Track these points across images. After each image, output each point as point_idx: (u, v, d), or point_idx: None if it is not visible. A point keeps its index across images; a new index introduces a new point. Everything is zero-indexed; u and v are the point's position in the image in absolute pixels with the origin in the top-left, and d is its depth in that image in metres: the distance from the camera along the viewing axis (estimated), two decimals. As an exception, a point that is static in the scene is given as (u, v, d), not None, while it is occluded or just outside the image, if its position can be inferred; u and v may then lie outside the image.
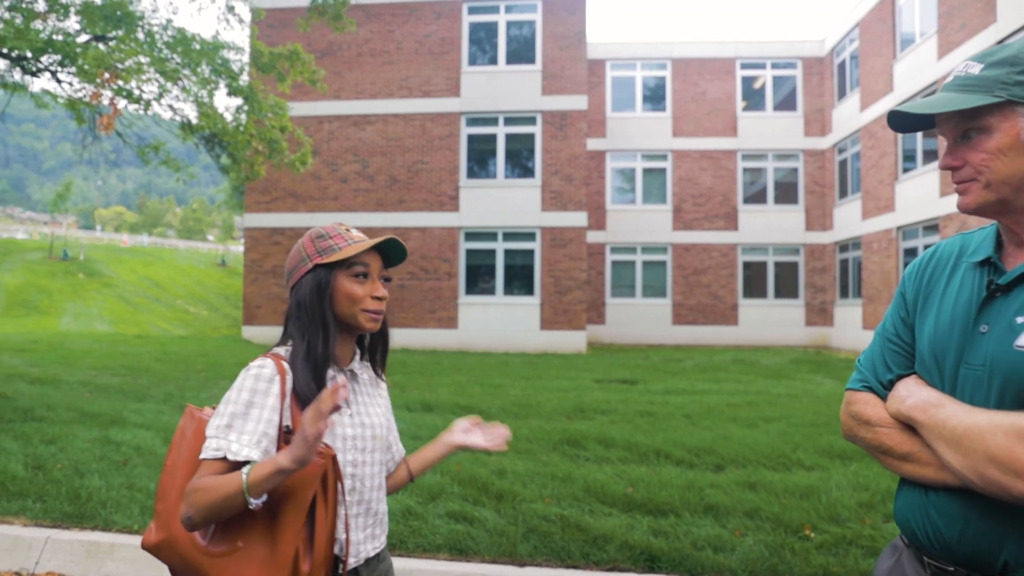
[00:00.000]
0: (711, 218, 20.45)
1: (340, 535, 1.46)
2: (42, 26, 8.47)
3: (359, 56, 17.50)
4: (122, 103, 8.45)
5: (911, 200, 15.74)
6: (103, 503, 4.14)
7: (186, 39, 8.74)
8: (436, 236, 17.08)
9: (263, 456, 1.37)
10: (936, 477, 1.18)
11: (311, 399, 1.44)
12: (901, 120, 1.28)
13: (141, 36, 8.62)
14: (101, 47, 8.29)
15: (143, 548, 1.46)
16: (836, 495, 4.36)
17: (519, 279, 17.11)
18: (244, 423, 1.38)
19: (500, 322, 16.85)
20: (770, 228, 20.37)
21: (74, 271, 29.74)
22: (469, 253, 17.21)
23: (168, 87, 8.62)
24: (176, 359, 12.24)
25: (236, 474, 1.31)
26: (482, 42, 17.60)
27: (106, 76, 7.75)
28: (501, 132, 17.27)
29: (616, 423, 6.82)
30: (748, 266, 20.48)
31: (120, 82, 7.93)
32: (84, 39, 8.74)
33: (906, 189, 16.05)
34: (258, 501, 1.31)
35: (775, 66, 20.80)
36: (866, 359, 1.38)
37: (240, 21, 10.56)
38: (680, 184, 20.57)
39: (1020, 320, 1.13)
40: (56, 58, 8.25)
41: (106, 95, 8.16)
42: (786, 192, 20.60)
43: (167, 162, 9.33)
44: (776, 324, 20.06)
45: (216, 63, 8.94)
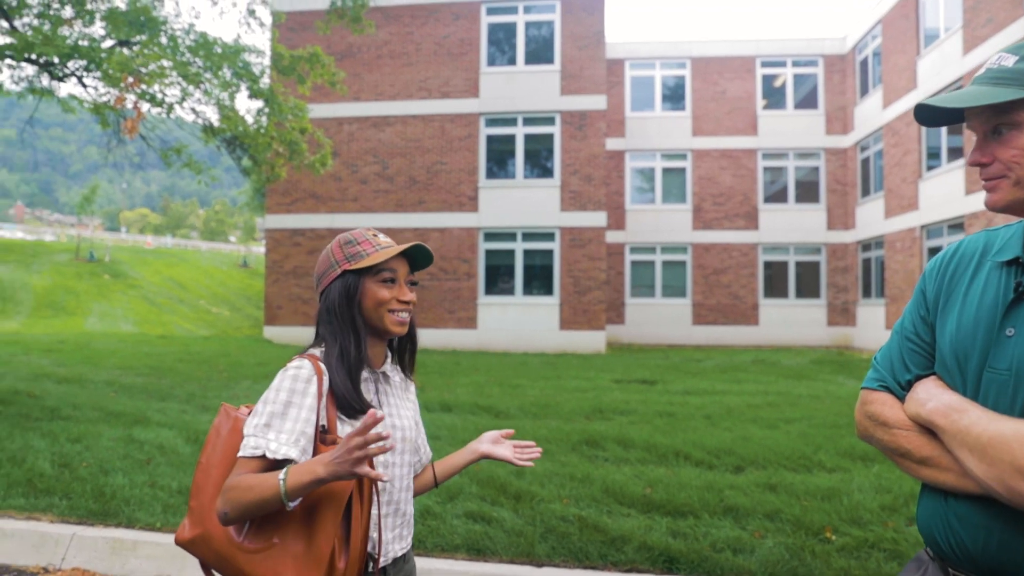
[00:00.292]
0: (731, 217, 20.29)
1: (372, 534, 1.49)
2: (68, 32, 8.62)
3: (379, 58, 17.59)
4: (145, 107, 8.57)
5: (935, 198, 15.51)
6: (126, 501, 4.21)
7: (208, 43, 8.85)
8: (455, 237, 17.12)
9: (301, 455, 1.40)
10: (957, 484, 1.13)
11: (348, 400, 1.48)
12: (928, 114, 1.22)
13: (164, 40, 8.75)
14: (126, 52, 8.42)
15: (177, 544, 1.48)
16: (858, 497, 4.31)
17: (538, 279, 17.10)
18: (283, 422, 1.41)
19: (519, 322, 16.85)
20: (791, 227, 20.17)
21: (100, 272, 30.21)
22: (488, 253, 17.24)
23: (190, 90, 8.74)
24: (199, 359, 12.39)
25: (273, 476, 1.34)
26: (501, 43, 17.62)
27: (129, 80, 7.87)
28: (520, 132, 17.28)
29: (635, 424, 6.79)
30: (769, 266, 20.30)
31: (143, 86, 8.05)
32: (109, 44, 8.88)
33: (930, 187, 15.81)
34: (294, 503, 1.34)
35: (796, 64, 20.60)
36: (883, 357, 1.33)
37: (261, 24, 10.69)
38: (700, 183, 20.44)
39: None
40: (82, 63, 8.39)
41: (130, 99, 8.29)
42: (807, 191, 20.39)
43: (189, 164, 9.45)
44: (797, 324, 19.86)
45: (237, 66, 9.05)
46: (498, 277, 17.23)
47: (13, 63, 8.79)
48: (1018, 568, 1.08)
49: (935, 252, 15.68)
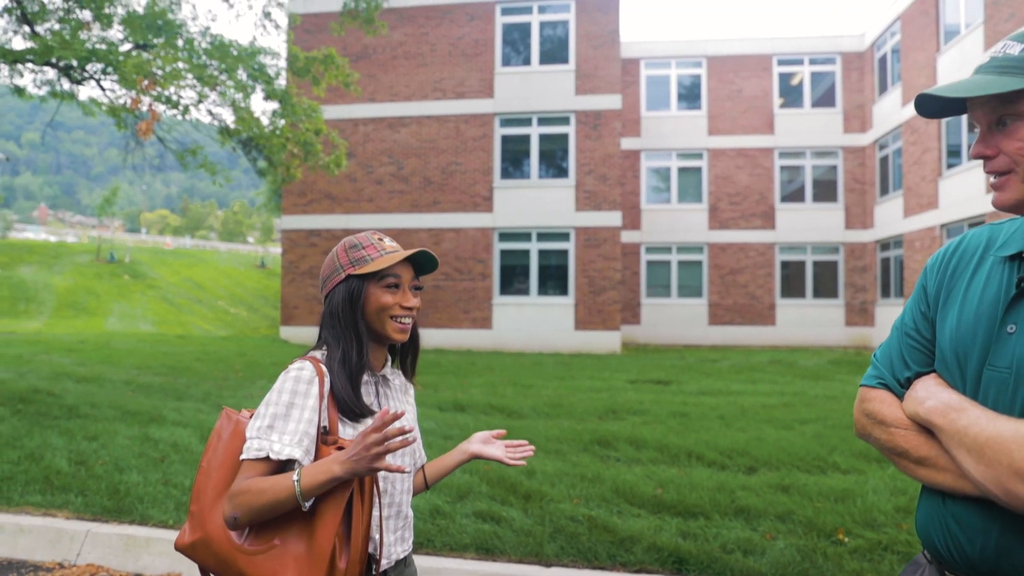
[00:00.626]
0: (748, 217, 20.15)
1: (374, 535, 1.49)
2: (86, 36, 8.74)
3: (393, 59, 17.66)
4: (160, 108, 8.67)
5: (955, 197, 15.30)
6: (140, 498, 4.25)
7: (224, 45, 8.94)
8: (470, 237, 17.14)
9: (304, 455, 1.40)
10: (954, 485, 1.11)
11: (348, 405, 1.48)
12: (930, 104, 1.16)
13: (181, 43, 8.85)
14: (143, 55, 8.52)
15: (177, 549, 1.49)
16: (872, 499, 4.25)
17: (553, 279, 17.08)
18: (285, 423, 1.41)
19: (534, 322, 16.84)
20: (808, 227, 19.98)
21: (120, 273, 30.60)
22: (503, 254, 17.25)
23: (206, 92, 8.83)
24: (216, 359, 12.51)
25: (286, 478, 1.34)
26: (515, 43, 17.62)
27: (145, 83, 7.97)
28: (535, 132, 17.27)
29: (648, 424, 6.75)
30: (786, 265, 20.12)
31: (159, 88, 8.14)
32: (127, 48, 8.99)
33: (950, 186, 15.60)
34: (309, 503, 1.35)
35: (813, 62, 20.41)
36: (883, 354, 1.30)
37: (277, 27, 10.78)
38: (716, 183, 20.31)
39: None
40: (99, 66, 8.50)
41: (145, 101, 8.39)
42: (825, 190, 20.19)
43: (204, 165, 9.54)
44: (815, 324, 19.67)
45: (253, 68, 9.13)
46: (513, 277, 17.23)
47: (35, 67, 8.94)
48: (1016, 573, 1.06)
49: (955, 251, 15.44)
